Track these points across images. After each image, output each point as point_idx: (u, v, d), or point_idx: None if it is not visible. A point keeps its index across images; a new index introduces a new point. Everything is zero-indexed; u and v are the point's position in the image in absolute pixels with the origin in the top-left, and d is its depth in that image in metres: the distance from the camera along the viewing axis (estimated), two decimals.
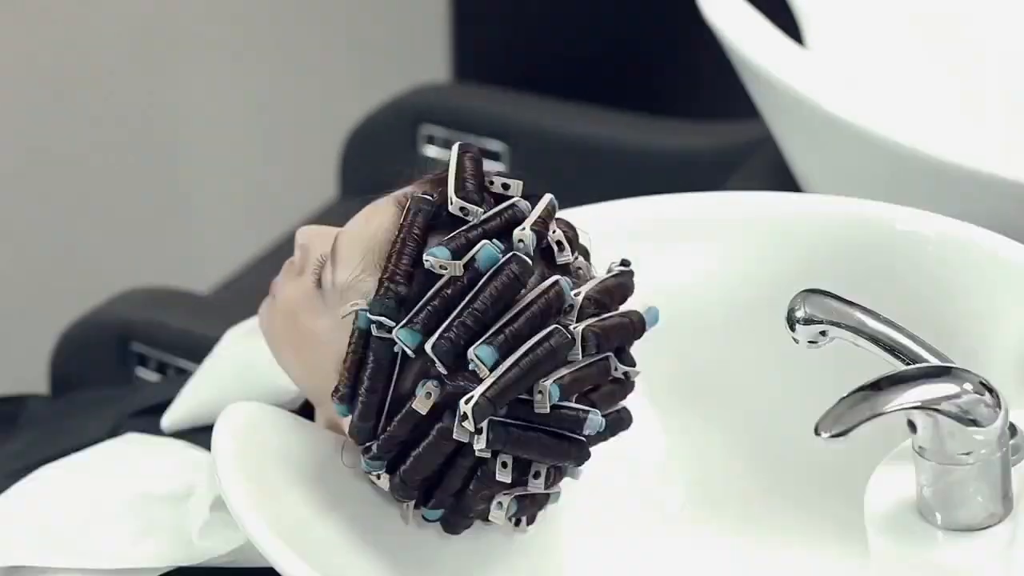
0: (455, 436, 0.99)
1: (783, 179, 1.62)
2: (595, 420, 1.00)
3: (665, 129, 1.88)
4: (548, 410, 0.98)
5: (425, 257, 0.99)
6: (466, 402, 0.96)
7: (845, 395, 0.97)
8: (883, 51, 1.68)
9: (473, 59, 2.59)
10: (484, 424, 0.97)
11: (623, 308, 1.05)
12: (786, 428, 1.12)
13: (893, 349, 1.01)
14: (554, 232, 1.03)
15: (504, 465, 1.00)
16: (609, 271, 1.06)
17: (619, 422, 1.05)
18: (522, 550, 1.10)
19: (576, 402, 1.01)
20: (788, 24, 1.58)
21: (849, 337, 1.02)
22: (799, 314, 1.02)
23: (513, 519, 1.04)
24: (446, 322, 0.98)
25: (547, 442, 1.00)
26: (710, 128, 1.89)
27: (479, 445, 0.98)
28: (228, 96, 2.43)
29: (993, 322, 1.11)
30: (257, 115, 2.48)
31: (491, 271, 0.98)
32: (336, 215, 1.68)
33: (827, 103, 1.42)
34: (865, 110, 1.42)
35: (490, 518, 1.03)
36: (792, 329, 1.03)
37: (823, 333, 1.03)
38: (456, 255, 0.99)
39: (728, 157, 1.79)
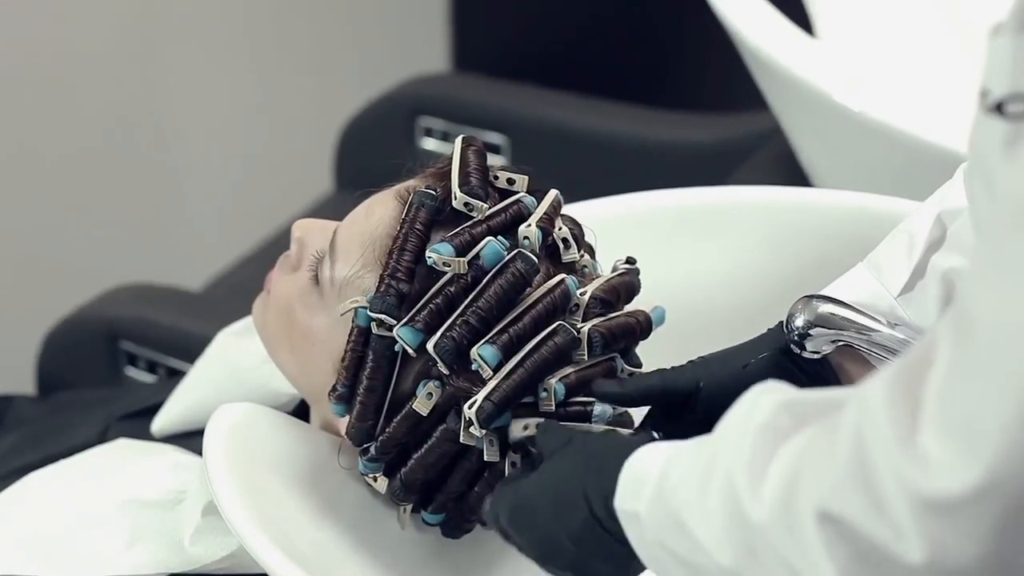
0: (462, 440, 0.98)
1: (791, 172, 1.61)
2: (602, 410, 0.99)
3: (670, 121, 1.88)
4: (553, 408, 0.98)
5: (428, 253, 0.98)
6: (470, 407, 0.96)
7: None
8: (895, 40, 1.67)
9: (473, 49, 2.59)
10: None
11: (629, 307, 1.04)
12: None
13: (897, 352, 1.00)
14: (560, 229, 1.03)
15: (513, 466, 0.99)
16: (614, 269, 1.05)
17: (621, 425, 1.04)
18: (521, 557, 1.10)
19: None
20: (798, 13, 1.58)
21: (855, 343, 1.00)
22: (798, 322, 1.00)
23: None
24: (449, 321, 0.97)
25: None
26: (715, 120, 1.89)
27: (489, 449, 0.98)
28: (221, 86, 2.42)
29: None
30: (251, 106, 2.48)
31: (495, 269, 0.98)
32: (331, 209, 1.68)
33: (838, 94, 1.42)
34: (877, 101, 1.41)
35: None
36: (790, 334, 1.00)
37: (831, 340, 1.01)
38: (460, 252, 0.98)
39: (734, 150, 1.79)
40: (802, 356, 1.00)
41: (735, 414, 0.77)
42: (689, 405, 0.98)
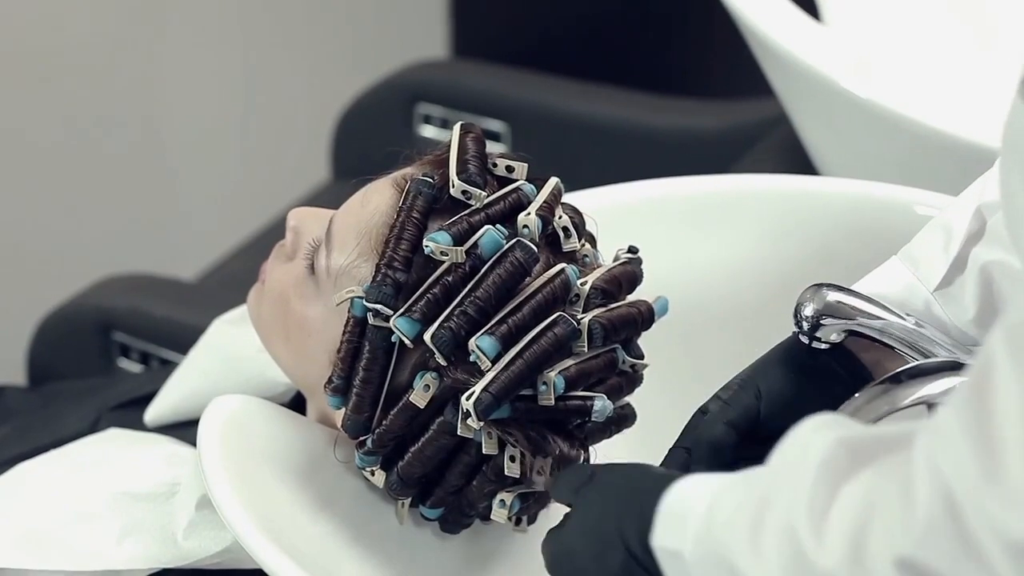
0: (459, 433, 0.98)
1: (797, 160, 1.61)
2: (603, 406, 0.99)
3: (673, 108, 1.88)
4: (553, 402, 0.98)
5: (425, 242, 0.98)
6: (467, 398, 0.96)
7: (865, 388, 0.96)
8: (903, 26, 1.67)
9: (473, 34, 2.59)
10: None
11: (631, 298, 1.04)
12: None
13: (909, 344, 1.00)
14: (560, 217, 1.03)
15: (512, 459, 0.99)
16: (616, 259, 1.05)
17: (623, 419, 1.05)
18: (521, 552, 1.10)
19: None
20: None
21: (866, 332, 1.00)
22: (807, 311, 0.99)
23: (514, 518, 1.04)
24: (446, 311, 0.97)
25: (551, 435, 0.99)
26: (720, 107, 1.89)
27: (488, 442, 0.98)
28: (215, 73, 2.42)
29: None
30: (246, 92, 2.47)
31: (494, 258, 0.97)
32: (328, 197, 1.67)
33: (845, 80, 1.42)
34: (884, 88, 1.41)
35: (492, 516, 1.02)
36: (799, 324, 1.00)
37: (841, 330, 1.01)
38: (458, 240, 0.98)
39: (739, 137, 1.79)
40: (811, 346, 1.00)
41: (788, 450, 0.74)
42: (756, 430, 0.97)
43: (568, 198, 1.07)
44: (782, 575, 0.72)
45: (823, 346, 0.99)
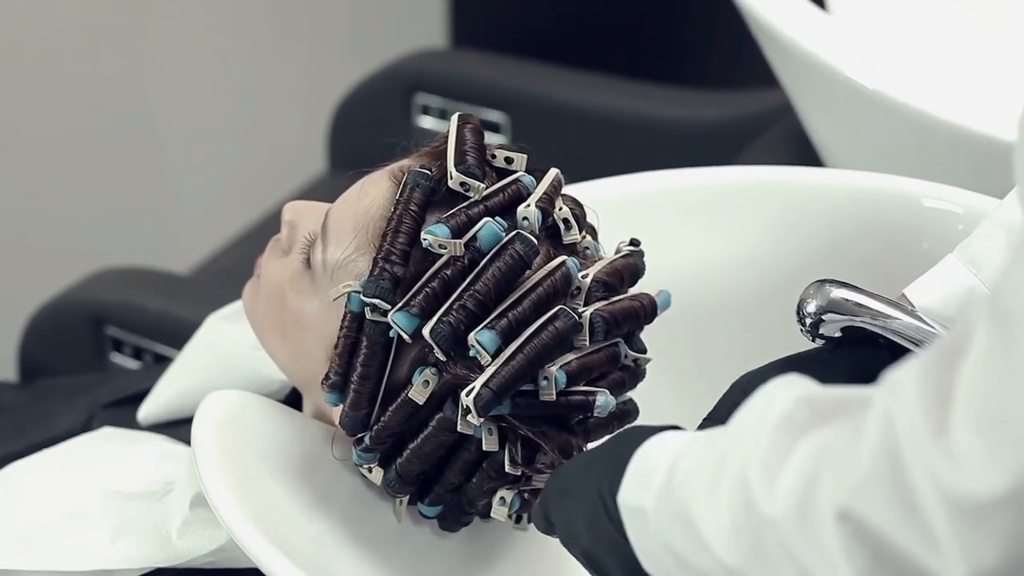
0: (459, 429, 0.98)
1: (802, 152, 1.61)
2: (605, 401, 0.99)
3: (677, 99, 1.88)
4: (554, 397, 0.98)
5: (423, 235, 0.97)
6: (467, 394, 0.96)
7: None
8: (910, 15, 1.67)
9: (472, 23, 2.59)
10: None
11: (633, 291, 1.04)
12: None
13: (915, 341, 0.99)
14: (560, 209, 1.02)
15: (512, 456, 0.99)
16: (618, 251, 1.05)
17: (625, 414, 1.05)
18: (521, 550, 1.10)
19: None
20: None
21: (870, 329, 1.00)
22: (810, 308, 0.99)
23: (514, 516, 1.03)
24: (445, 305, 0.97)
25: (553, 431, 0.99)
26: (724, 97, 1.89)
27: (488, 439, 0.98)
28: (210, 62, 2.42)
29: None
30: (241, 83, 2.47)
31: (493, 251, 0.97)
32: (325, 190, 1.67)
33: (851, 70, 1.41)
34: (891, 78, 1.41)
35: (492, 514, 1.02)
36: (802, 320, 1.00)
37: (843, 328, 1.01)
38: (456, 233, 0.97)
39: (742, 128, 1.79)
40: (814, 343, 0.99)
41: (752, 405, 0.75)
42: None
43: (568, 190, 1.07)
44: (731, 525, 0.73)
45: (826, 343, 0.99)
